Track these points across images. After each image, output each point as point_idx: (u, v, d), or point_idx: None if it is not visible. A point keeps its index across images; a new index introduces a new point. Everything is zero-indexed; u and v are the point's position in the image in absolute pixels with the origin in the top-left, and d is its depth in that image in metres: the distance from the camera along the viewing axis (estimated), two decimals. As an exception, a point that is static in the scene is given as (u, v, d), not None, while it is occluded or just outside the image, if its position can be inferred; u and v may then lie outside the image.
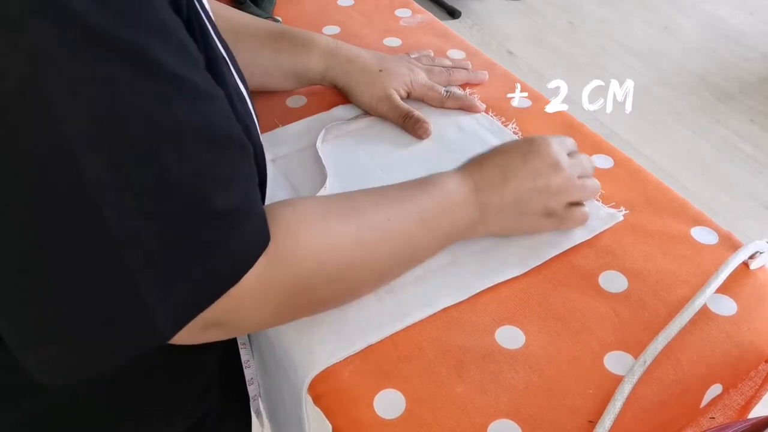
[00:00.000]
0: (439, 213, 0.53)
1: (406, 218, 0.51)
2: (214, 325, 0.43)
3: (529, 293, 0.54)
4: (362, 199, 0.51)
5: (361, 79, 0.70)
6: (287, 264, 0.44)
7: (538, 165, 0.55)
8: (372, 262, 0.50)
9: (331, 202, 0.50)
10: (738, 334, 0.51)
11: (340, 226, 0.48)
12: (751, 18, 2.51)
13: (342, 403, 0.48)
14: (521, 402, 0.47)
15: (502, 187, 0.54)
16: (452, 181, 0.54)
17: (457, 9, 2.48)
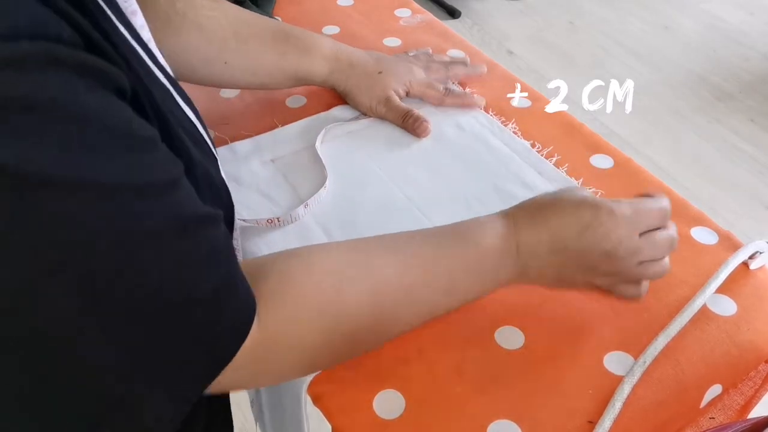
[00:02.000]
0: (469, 280, 0.47)
1: (433, 284, 0.46)
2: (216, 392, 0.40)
3: (528, 293, 0.54)
4: (384, 260, 0.45)
5: (361, 83, 0.70)
6: (285, 335, 0.41)
7: (591, 246, 0.47)
8: (385, 327, 0.46)
9: (347, 263, 0.44)
10: (738, 334, 0.51)
11: (354, 291, 0.43)
12: (751, 18, 2.51)
13: (341, 404, 0.48)
14: (520, 402, 0.47)
15: (545, 257, 0.48)
16: (494, 237, 0.47)
17: (457, 9, 2.48)
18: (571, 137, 0.69)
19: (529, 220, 0.48)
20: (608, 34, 2.42)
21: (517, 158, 0.66)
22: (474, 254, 0.47)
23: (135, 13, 0.42)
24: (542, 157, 0.66)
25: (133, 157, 0.32)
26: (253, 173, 0.64)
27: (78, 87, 0.29)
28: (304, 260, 0.43)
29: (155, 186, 0.33)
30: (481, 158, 0.66)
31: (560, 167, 0.65)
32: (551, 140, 0.68)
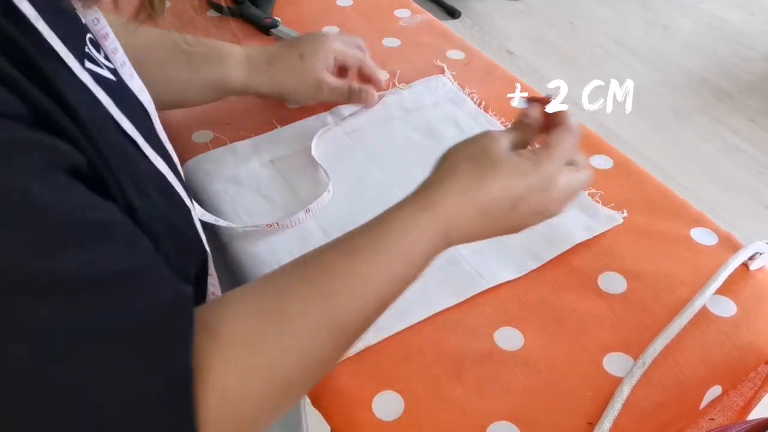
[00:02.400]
0: (398, 287, 0.44)
1: (364, 312, 0.42)
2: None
3: (528, 295, 0.54)
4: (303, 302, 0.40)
5: (288, 78, 0.66)
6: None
7: (524, 214, 0.47)
8: (313, 374, 0.41)
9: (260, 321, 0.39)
10: (737, 336, 0.51)
11: (272, 352, 0.38)
12: (751, 18, 2.51)
13: (341, 405, 0.48)
14: (520, 404, 0.47)
15: (478, 234, 0.47)
16: (425, 245, 0.44)
17: (457, 9, 2.48)
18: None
19: (456, 209, 0.45)
20: (608, 34, 2.42)
21: (516, 159, 0.66)
22: (404, 267, 0.43)
23: (106, 36, 0.41)
24: (542, 158, 0.66)
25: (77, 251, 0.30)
26: (253, 174, 0.64)
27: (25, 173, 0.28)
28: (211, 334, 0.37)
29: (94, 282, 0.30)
30: (480, 159, 0.66)
31: (560, 168, 0.65)
32: (551, 141, 0.68)
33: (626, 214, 0.61)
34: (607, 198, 0.62)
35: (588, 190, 0.63)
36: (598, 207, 0.61)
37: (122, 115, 0.39)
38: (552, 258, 0.57)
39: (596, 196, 0.62)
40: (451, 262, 0.56)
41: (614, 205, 0.61)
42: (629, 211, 0.61)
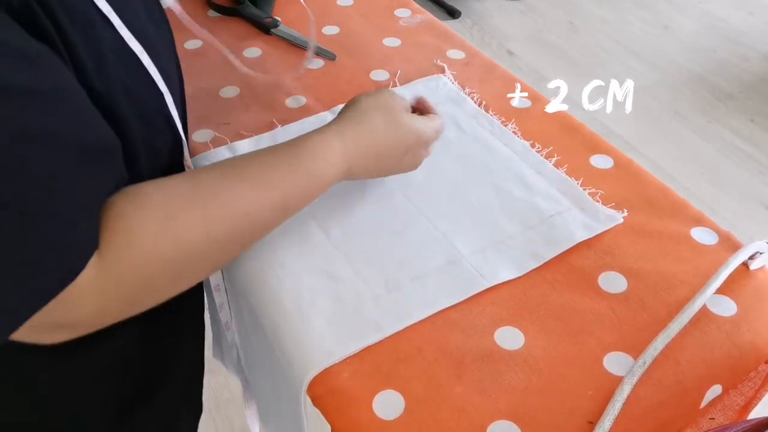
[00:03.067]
0: (302, 196, 0.51)
1: (267, 208, 0.48)
2: (63, 327, 0.42)
3: (528, 294, 0.54)
4: (215, 189, 0.46)
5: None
6: (126, 268, 0.41)
7: (406, 162, 0.58)
8: (223, 251, 0.47)
9: (178, 195, 0.45)
10: (738, 335, 0.51)
11: (187, 223, 0.44)
12: (751, 18, 2.51)
13: (341, 404, 0.48)
14: (520, 403, 0.47)
15: (368, 167, 0.56)
16: (328, 158, 0.52)
17: (457, 9, 2.48)
18: (571, 137, 0.69)
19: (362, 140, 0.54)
20: (608, 34, 2.43)
21: (516, 158, 0.66)
22: (307, 175, 0.51)
23: None
24: (542, 158, 0.66)
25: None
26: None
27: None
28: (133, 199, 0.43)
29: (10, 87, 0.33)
30: (480, 158, 0.66)
31: (560, 167, 0.65)
32: (551, 140, 0.68)
33: (626, 213, 0.61)
34: (607, 198, 0.62)
35: (588, 190, 0.63)
36: (598, 206, 0.61)
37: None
38: (552, 257, 0.57)
39: (596, 196, 0.62)
40: (451, 261, 0.56)
41: (614, 205, 0.61)
42: (629, 211, 0.61)
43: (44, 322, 0.39)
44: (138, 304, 0.45)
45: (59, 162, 0.37)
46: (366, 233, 0.58)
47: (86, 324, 0.43)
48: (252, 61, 0.80)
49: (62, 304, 0.39)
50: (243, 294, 0.58)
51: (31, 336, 0.40)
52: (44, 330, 0.41)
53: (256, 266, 0.56)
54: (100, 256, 0.40)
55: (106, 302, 0.42)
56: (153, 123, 0.48)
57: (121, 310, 0.44)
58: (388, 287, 0.54)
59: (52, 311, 0.38)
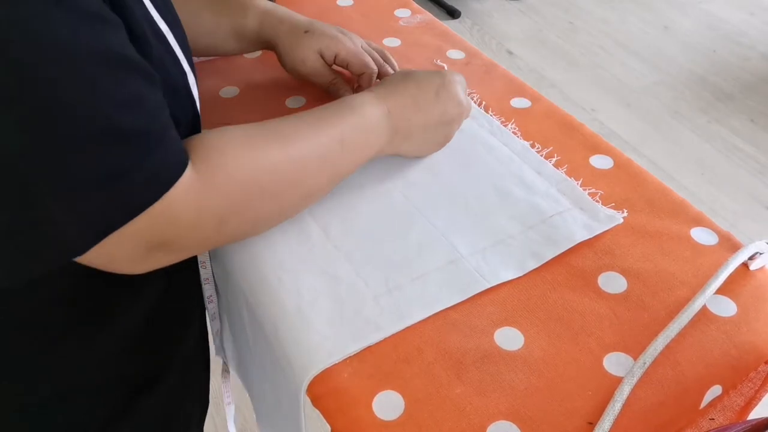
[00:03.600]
0: (356, 136, 0.56)
1: (328, 141, 0.54)
2: (159, 246, 0.45)
3: (528, 294, 0.54)
4: (286, 125, 0.53)
5: (286, 40, 0.70)
6: (219, 177, 0.46)
7: (446, 100, 0.62)
8: (299, 180, 0.53)
9: (255, 129, 0.52)
10: (738, 335, 0.51)
11: (266, 148, 0.50)
12: (751, 18, 2.51)
13: (341, 405, 0.48)
14: (520, 403, 0.47)
15: (412, 116, 0.60)
16: (369, 105, 0.58)
17: (456, 9, 2.48)
18: (570, 137, 0.69)
19: (393, 92, 0.60)
20: (608, 34, 2.43)
21: (516, 158, 0.66)
22: (358, 117, 0.57)
23: None
24: (542, 158, 0.66)
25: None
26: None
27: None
28: (214, 130, 0.50)
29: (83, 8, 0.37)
30: (480, 158, 0.66)
31: (560, 167, 0.65)
32: (551, 140, 0.68)
33: (626, 213, 0.61)
34: (607, 198, 0.62)
35: (588, 190, 0.63)
36: (598, 207, 0.61)
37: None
38: (552, 257, 0.57)
39: (596, 196, 0.62)
40: (451, 261, 0.56)
41: (614, 205, 0.61)
42: (629, 211, 0.61)
43: (144, 237, 0.43)
44: (228, 223, 0.48)
45: (137, 84, 0.41)
46: (366, 233, 0.58)
47: (181, 242, 0.46)
48: (252, 61, 0.80)
49: (159, 216, 0.43)
50: (243, 294, 0.58)
51: (130, 257, 0.44)
52: (143, 249, 0.44)
53: (256, 266, 0.56)
54: (194, 169, 0.45)
55: (200, 215, 0.46)
56: (179, 98, 0.51)
57: (212, 228, 0.47)
58: (388, 287, 0.54)
59: (150, 225, 0.42)
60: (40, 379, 0.52)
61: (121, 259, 0.44)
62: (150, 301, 0.56)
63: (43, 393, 0.53)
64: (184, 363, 0.64)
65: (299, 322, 0.52)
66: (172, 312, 0.59)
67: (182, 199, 0.44)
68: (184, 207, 0.44)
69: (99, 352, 0.54)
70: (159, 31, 0.49)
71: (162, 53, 0.48)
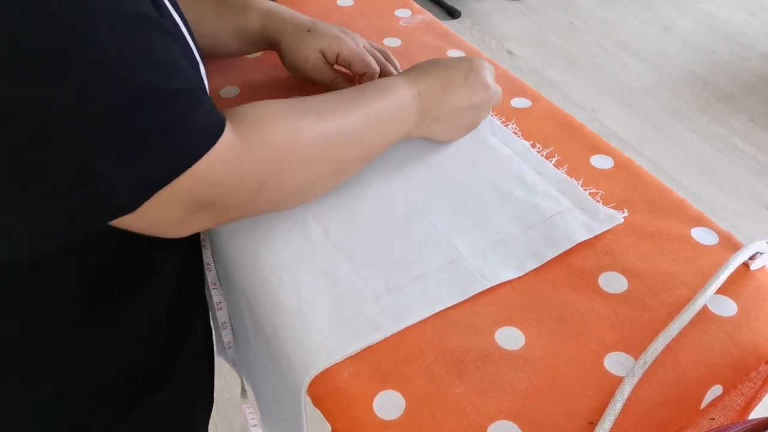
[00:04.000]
0: (387, 116, 0.58)
1: (361, 119, 0.56)
2: (202, 206, 0.46)
3: (528, 294, 0.54)
4: (322, 101, 0.56)
5: (287, 41, 0.71)
6: (258, 140, 0.48)
7: (474, 84, 0.63)
8: (333, 154, 0.55)
9: (293, 102, 0.54)
10: (738, 335, 0.51)
11: (303, 120, 0.52)
12: (751, 18, 2.51)
13: (341, 404, 0.48)
14: (521, 403, 0.47)
15: (441, 98, 0.62)
16: (400, 88, 0.60)
17: (456, 9, 2.48)
18: (571, 137, 0.69)
19: (422, 75, 0.62)
20: (608, 34, 2.43)
21: (516, 158, 0.66)
22: (390, 98, 0.59)
23: None
24: (542, 158, 0.66)
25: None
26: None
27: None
28: (253, 103, 0.52)
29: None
30: (480, 158, 0.66)
31: (560, 167, 0.65)
32: (551, 140, 0.68)
33: (627, 213, 0.61)
34: (607, 198, 0.62)
35: (588, 190, 0.63)
36: (598, 207, 0.61)
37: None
38: (553, 257, 0.57)
39: (597, 196, 0.62)
40: (452, 261, 0.56)
41: (614, 205, 0.61)
42: (630, 211, 0.61)
43: (187, 196, 0.44)
44: (269, 187, 0.50)
45: (176, 52, 0.43)
46: (366, 233, 0.58)
47: (224, 202, 0.48)
48: (252, 61, 0.80)
49: (202, 175, 0.44)
50: (243, 294, 0.58)
51: (173, 218, 0.45)
52: (186, 209, 0.45)
53: (256, 266, 0.56)
54: (234, 132, 0.47)
55: (242, 175, 0.47)
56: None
57: (253, 190, 0.49)
58: (388, 287, 0.54)
59: (193, 183, 0.44)
60: (40, 379, 0.52)
61: (167, 221, 0.46)
62: (153, 303, 0.56)
63: (43, 393, 0.53)
64: (189, 363, 0.64)
65: (299, 322, 0.52)
66: (175, 313, 0.59)
67: (223, 160, 0.45)
68: (225, 168, 0.46)
69: (101, 352, 0.54)
70: (182, 34, 0.50)
71: (185, 55, 0.49)
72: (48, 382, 0.53)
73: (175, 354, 0.61)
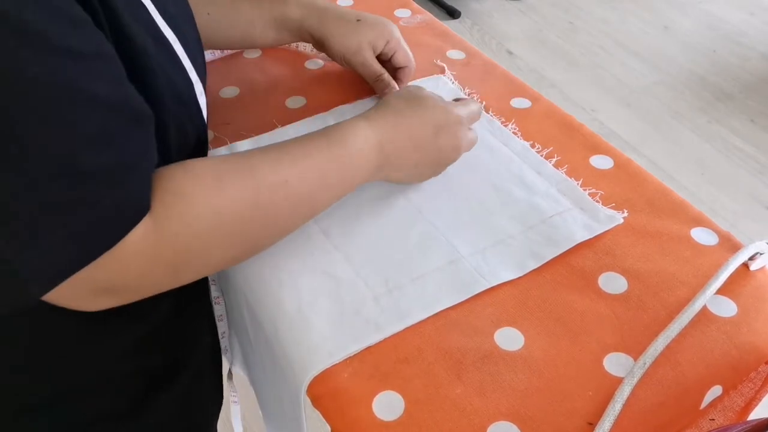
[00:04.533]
0: (340, 174, 0.53)
1: (307, 179, 0.51)
2: (107, 291, 0.43)
3: (528, 294, 0.54)
4: (260, 159, 0.49)
5: (335, 29, 0.69)
6: (177, 226, 0.43)
7: (445, 144, 0.59)
8: (269, 221, 0.50)
9: (225, 163, 0.48)
10: (738, 336, 0.51)
11: (235, 186, 0.46)
12: (751, 18, 2.51)
13: (341, 405, 0.48)
14: (520, 404, 0.47)
15: (405, 155, 0.57)
16: (360, 138, 0.54)
17: (456, 9, 2.48)
18: (570, 137, 0.69)
19: (390, 121, 0.56)
20: (608, 34, 2.42)
21: (516, 159, 0.66)
22: (345, 154, 0.53)
23: None
24: (542, 158, 0.66)
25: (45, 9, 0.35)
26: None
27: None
28: (183, 165, 0.46)
29: (55, 43, 0.35)
30: (480, 158, 0.66)
31: (560, 168, 0.65)
32: (551, 140, 0.68)
33: (626, 214, 0.61)
34: (607, 198, 0.62)
35: (588, 190, 0.63)
36: (598, 207, 0.61)
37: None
38: (553, 258, 0.57)
39: (596, 196, 0.62)
40: (451, 262, 0.56)
41: (614, 205, 0.61)
42: (629, 211, 0.61)
43: (91, 282, 0.41)
44: (183, 271, 0.46)
45: (104, 121, 0.38)
46: (366, 233, 0.58)
47: (130, 288, 0.44)
48: (252, 61, 0.80)
49: (110, 263, 0.40)
50: (243, 294, 0.58)
51: (76, 298, 0.42)
52: (90, 292, 0.42)
53: (255, 267, 0.56)
54: (151, 215, 0.42)
55: (153, 264, 0.43)
56: (184, 108, 0.50)
57: (165, 276, 0.45)
58: (388, 287, 0.54)
59: (100, 271, 0.40)
60: (43, 380, 0.52)
61: (68, 299, 0.42)
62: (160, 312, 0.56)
63: (45, 393, 0.53)
64: (203, 358, 0.64)
65: (299, 322, 0.52)
66: (181, 321, 0.60)
67: (135, 248, 0.41)
68: (136, 255, 0.42)
69: (107, 353, 0.54)
70: (163, 38, 0.48)
71: (164, 61, 0.47)
72: (49, 383, 0.53)
73: (185, 354, 0.61)
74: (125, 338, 0.54)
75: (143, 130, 0.42)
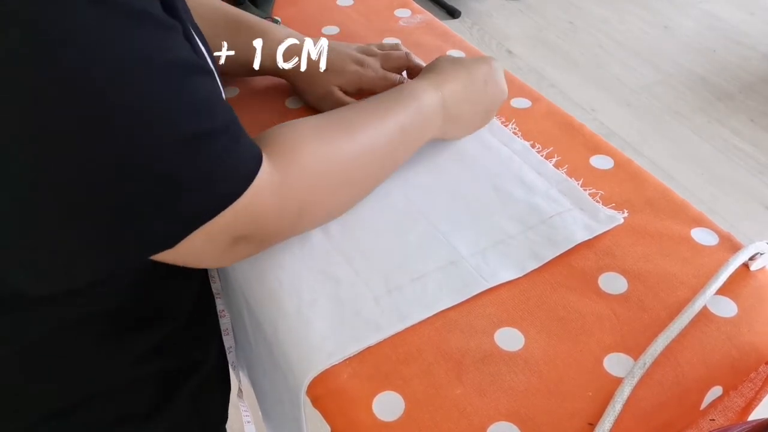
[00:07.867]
0: (414, 124, 0.59)
1: (390, 130, 0.56)
2: (243, 239, 0.47)
3: (528, 295, 0.54)
4: (351, 115, 0.55)
5: (304, 77, 0.69)
6: (296, 173, 0.49)
7: (493, 89, 0.65)
8: (368, 168, 0.56)
9: (323, 120, 0.54)
10: (738, 336, 0.51)
11: (336, 139, 0.52)
12: (751, 18, 2.51)
13: (341, 405, 0.48)
14: (520, 404, 0.47)
15: (464, 105, 0.63)
16: (427, 93, 0.60)
17: (456, 9, 2.48)
18: (571, 137, 0.69)
19: (447, 79, 0.62)
20: (608, 34, 2.43)
21: (516, 158, 0.66)
22: (417, 106, 0.59)
23: None
24: (542, 158, 0.66)
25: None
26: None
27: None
28: (284, 124, 0.52)
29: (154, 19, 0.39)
30: (480, 158, 0.66)
31: (560, 168, 0.65)
32: (551, 140, 0.68)
33: (627, 214, 0.61)
34: (607, 198, 0.62)
35: (588, 190, 0.63)
36: (598, 207, 0.61)
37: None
38: (553, 258, 0.57)
39: (597, 196, 0.62)
40: (451, 262, 0.56)
41: (614, 205, 0.61)
42: (630, 212, 0.61)
43: (229, 232, 0.45)
44: (309, 211, 0.52)
45: (210, 85, 0.43)
46: (366, 234, 0.58)
47: (265, 232, 0.48)
48: (252, 61, 0.79)
49: (244, 210, 0.45)
50: (243, 295, 0.58)
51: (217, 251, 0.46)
52: (228, 243, 0.46)
53: (255, 267, 0.56)
54: (271, 163, 0.47)
55: (282, 205, 0.48)
56: None
57: (295, 217, 0.50)
58: (387, 288, 0.54)
59: (236, 220, 0.45)
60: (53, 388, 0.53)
61: (208, 253, 0.46)
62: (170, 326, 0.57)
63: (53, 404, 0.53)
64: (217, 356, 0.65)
65: (299, 323, 0.52)
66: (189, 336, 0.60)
67: (263, 193, 0.46)
68: (265, 201, 0.46)
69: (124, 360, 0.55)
70: (200, 51, 0.50)
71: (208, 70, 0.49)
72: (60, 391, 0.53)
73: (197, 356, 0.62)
74: (140, 345, 0.55)
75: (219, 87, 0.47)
